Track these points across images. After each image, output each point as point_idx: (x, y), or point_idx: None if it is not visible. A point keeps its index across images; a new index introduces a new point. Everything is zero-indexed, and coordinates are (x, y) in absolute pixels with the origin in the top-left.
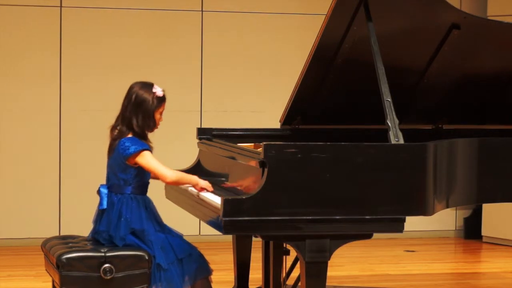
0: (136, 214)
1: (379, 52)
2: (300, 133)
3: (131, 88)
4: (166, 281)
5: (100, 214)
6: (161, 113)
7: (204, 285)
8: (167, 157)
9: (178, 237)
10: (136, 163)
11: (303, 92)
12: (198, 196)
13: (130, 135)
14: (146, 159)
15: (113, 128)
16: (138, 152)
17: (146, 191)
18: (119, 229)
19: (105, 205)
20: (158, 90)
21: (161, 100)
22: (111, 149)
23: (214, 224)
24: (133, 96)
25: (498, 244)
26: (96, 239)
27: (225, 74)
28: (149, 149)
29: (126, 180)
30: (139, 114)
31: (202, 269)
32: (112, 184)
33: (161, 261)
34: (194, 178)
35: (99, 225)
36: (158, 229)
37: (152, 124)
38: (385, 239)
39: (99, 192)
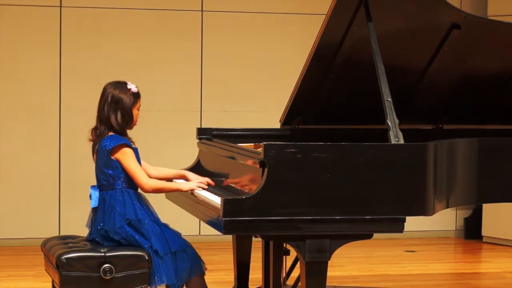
0: (130, 206)
1: (379, 52)
2: (300, 133)
3: (105, 89)
4: (163, 270)
5: (94, 213)
6: (138, 109)
7: (198, 283)
8: (167, 157)
9: (174, 232)
10: (117, 160)
11: (303, 92)
12: (192, 194)
13: (110, 134)
14: (126, 158)
15: (93, 130)
16: (119, 146)
17: (137, 186)
18: (113, 222)
19: (96, 203)
20: (132, 87)
21: (137, 96)
22: (94, 151)
23: (214, 224)
24: (109, 96)
25: (498, 244)
26: (95, 239)
27: (225, 74)
28: (130, 145)
29: (114, 176)
30: (117, 112)
31: (196, 268)
32: (102, 184)
33: (158, 248)
34: (176, 185)
35: (94, 224)
36: (153, 219)
37: (130, 121)
38: (385, 239)
39: (90, 194)
